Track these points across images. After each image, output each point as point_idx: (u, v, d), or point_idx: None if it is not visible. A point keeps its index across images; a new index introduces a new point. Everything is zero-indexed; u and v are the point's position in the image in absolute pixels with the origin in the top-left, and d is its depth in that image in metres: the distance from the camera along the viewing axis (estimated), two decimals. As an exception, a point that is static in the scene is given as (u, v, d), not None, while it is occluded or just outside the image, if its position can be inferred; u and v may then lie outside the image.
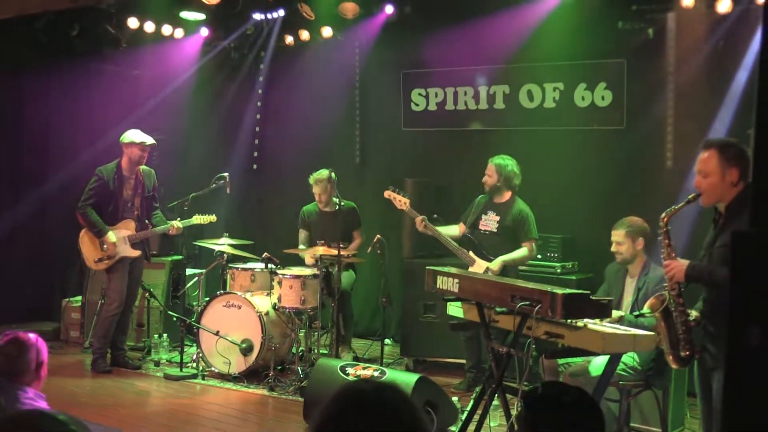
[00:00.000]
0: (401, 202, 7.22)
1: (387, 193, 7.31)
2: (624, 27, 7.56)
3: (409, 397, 2.08)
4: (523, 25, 7.91)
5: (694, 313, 4.27)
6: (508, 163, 7.10)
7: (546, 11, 7.75)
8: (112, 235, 7.57)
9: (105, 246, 7.59)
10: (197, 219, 8.00)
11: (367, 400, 2.00)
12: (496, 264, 6.91)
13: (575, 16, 7.65)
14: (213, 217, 8.10)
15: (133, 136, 7.66)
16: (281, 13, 9.13)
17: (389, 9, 8.37)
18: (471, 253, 7.07)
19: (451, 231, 7.28)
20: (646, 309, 4.52)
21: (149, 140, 7.70)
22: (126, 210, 7.74)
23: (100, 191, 7.61)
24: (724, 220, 4.14)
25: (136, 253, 7.75)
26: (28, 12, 7.35)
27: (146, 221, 7.86)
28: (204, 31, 9.52)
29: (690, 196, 4.24)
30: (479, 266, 6.98)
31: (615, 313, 5.45)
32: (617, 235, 5.83)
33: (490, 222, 7.12)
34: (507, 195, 7.12)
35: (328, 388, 5.62)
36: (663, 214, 4.33)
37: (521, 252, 7.00)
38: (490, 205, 7.17)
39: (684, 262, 4.19)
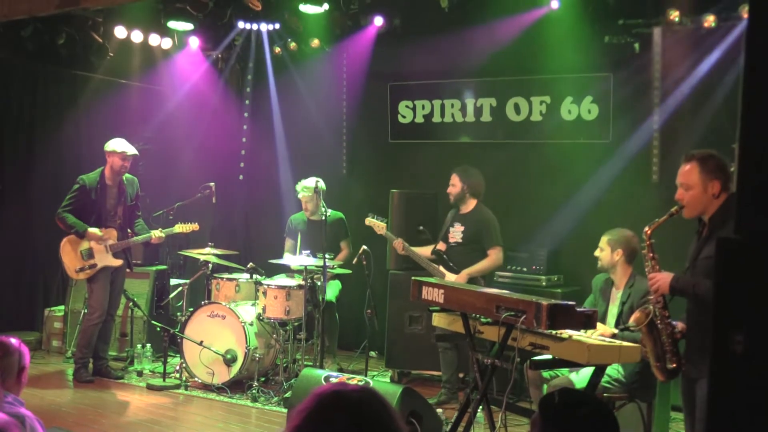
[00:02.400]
0: (379, 227, 7.48)
1: (367, 221, 7.57)
2: (610, 41, 7.60)
3: (388, 401, 2.06)
4: (510, 38, 7.92)
5: (680, 325, 4.27)
6: (471, 172, 7.18)
7: (533, 25, 7.78)
8: (93, 229, 7.53)
9: (89, 245, 7.54)
10: (179, 228, 7.94)
11: (345, 401, 1.98)
12: (461, 277, 6.99)
13: (562, 30, 7.67)
14: (195, 226, 8.04)
15: (116, 145, 7.64)
16: (270, 26, 9.14)
17: (378, 21, 8.39)
18: (441, 268, 7.17)
19: (428, 251, 7.36)
20: (631, 323, 4.52)
21: (131, 150, 7.67)
22: (108, 219, 7.71)
23: (81, 198, 7.58)
24: (707, 232, 4.16)
25: (118, 262, 7.71)
26: (14, 18, 7.31)
27: (128, 230, 7.83)
28: (194, 41, 9.51)
29: (672, 209, 4.25)
30: (449, 279, 7.03)
31: (606, 328, 5.45)
32: (601, 240, 5.87)
33: (456, 233, 7.24)
34: (471, 204, 7.24)
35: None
36: (646, 227, 4.35)
37: (486, 261, 7.08)
38: (456, 216, 7.31)
39: (668, 275, 4.20)
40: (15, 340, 3.67)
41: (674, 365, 4.21)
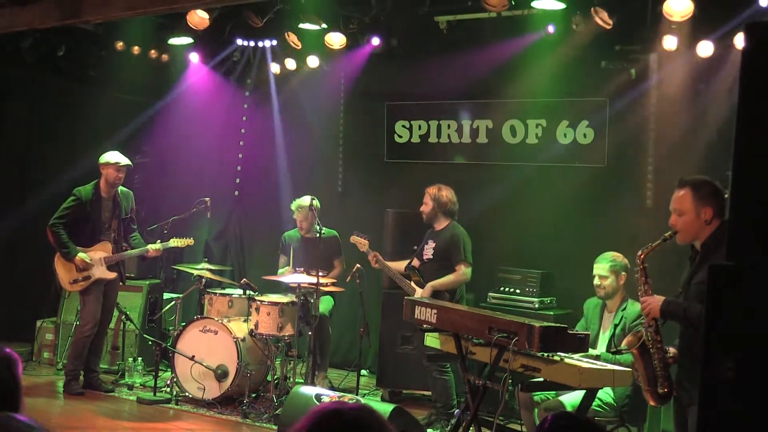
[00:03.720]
0: (362, 244, 7.54)
1: (352, 239, 7.64)
2: (607, 66, 7.65)
3: (385, 420, 2.06)
4: (508, 60, 7.97)
5: (672, 350, 4.28)
6: (444, 192, 7.21)
7: (530, 48, 7.83)
8: (82, 254, 7.53)
9: (79, 266, 7.53)
10: (174, 242, 7.96)
11: (343, 420, 1.98)
12: (426, 290, 7.03)
13: (559, 55, 7.72)
14: (190, 241, 8.07)
15: (109, 156, 7.68)
16: (268, 43, 9.18)
17: (375, 41, 8.43)
18: (412, 283, 7.21)
19: (403, 265, 7.40)
20: (623, 346, 4.54)
21: (124, 161, 7.70)
22: (103, 232, 7.71)
23: (76, 211, 7.58)
24: (700, 257, 4.17)
25: (112, 275, 7.70)
26: (15, 30, 7.34)
27: (123, 243, 7.83)
28: (193, 56, 9.53)
29: (666, 234, 4.27)
30: (419, 295, 7.07)
31: (591, 352, 5.47)
32: (601, 269, 5.85)
33: (428, 249, 7.30)
34: (444, 222, 7.29)
35: (302, 416, 5.58)
36: (639, 252, 4.36)
37: (450, 276, 7.11)
38: (430, 234, 7.38)
39: (660, 299, 4.21)
40: (7, 349, 3.66)
41: (665, 390, 4.21)
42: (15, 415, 2.30)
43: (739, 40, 6.65)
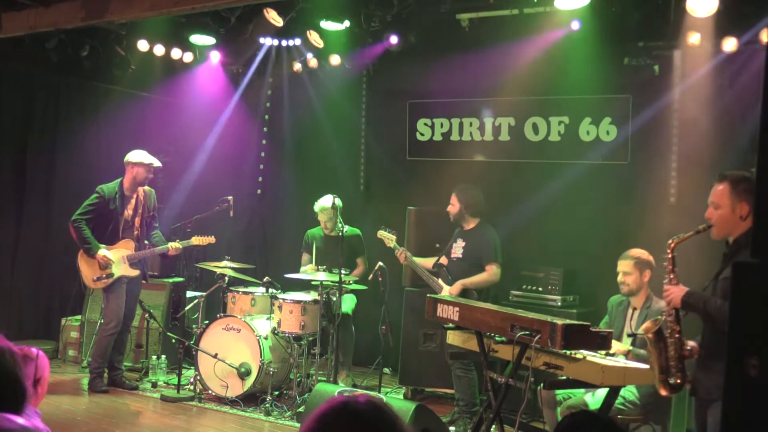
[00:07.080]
0: (389, 239, 7.51)
1: (379, 234, 7.62)
2: (630, 63, 7.59)
3: (394, 417, 2.07)
4: (530, 58, 7.95)
5: (690, 344, 4.24)
6: (470, 192, 7.20)
7: (553, 45, 7.80)
8: (103, 250, 7.58)
9: (101, 263, 7.58)
10: (196, 240, 8.01)
11: (349, 412, 2.01)
12: (455, 287, 7.01)
13: (582, 51, 7.68)
14: (212, 239, 8.11)
15: (141, 156, 7.72)
16: (291, 41, 9.20)
17: (394, 39, 8.41)
18: (440, 281, 7.20)
19: (430, 262, 7.38)
20: (640, 330, 4.49)
21: (156, 162, 7.79)
22: (126, 229, 7.77)
23: (99, 209, 7.64)
24: (730, 253, 4.13)
25: (134, 272, 7.76)
26: (39, 30, 7.41)
27: (145, 241, 7.89)
28: (215, 56, 9.58)
29: (700, 227, 4.21)
30: (446, 293, 7.06)
31: (621, 346, 5.43)
32: (625, 265, 5.81)
33: (458, 249, 7.27)
34: (473, 222, 7.26)
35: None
36: (670, 240, 4.30)
37: (481, 275, 7.08)
38: (460, 233, 7.35)
39: (683, 289, 4.17)
40: (34, 350, 3.69)
41: (678, 381, 4.17)
42: (8, 416, 2.31)
43: (764, 36, 6.59)
